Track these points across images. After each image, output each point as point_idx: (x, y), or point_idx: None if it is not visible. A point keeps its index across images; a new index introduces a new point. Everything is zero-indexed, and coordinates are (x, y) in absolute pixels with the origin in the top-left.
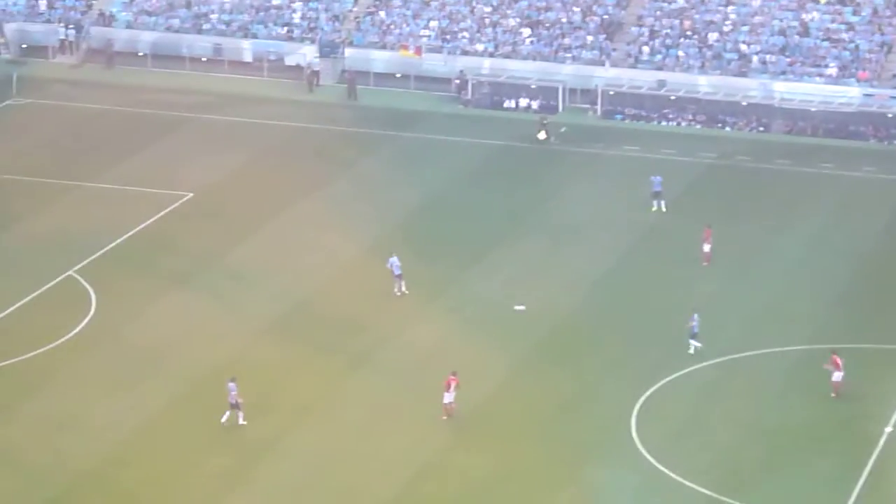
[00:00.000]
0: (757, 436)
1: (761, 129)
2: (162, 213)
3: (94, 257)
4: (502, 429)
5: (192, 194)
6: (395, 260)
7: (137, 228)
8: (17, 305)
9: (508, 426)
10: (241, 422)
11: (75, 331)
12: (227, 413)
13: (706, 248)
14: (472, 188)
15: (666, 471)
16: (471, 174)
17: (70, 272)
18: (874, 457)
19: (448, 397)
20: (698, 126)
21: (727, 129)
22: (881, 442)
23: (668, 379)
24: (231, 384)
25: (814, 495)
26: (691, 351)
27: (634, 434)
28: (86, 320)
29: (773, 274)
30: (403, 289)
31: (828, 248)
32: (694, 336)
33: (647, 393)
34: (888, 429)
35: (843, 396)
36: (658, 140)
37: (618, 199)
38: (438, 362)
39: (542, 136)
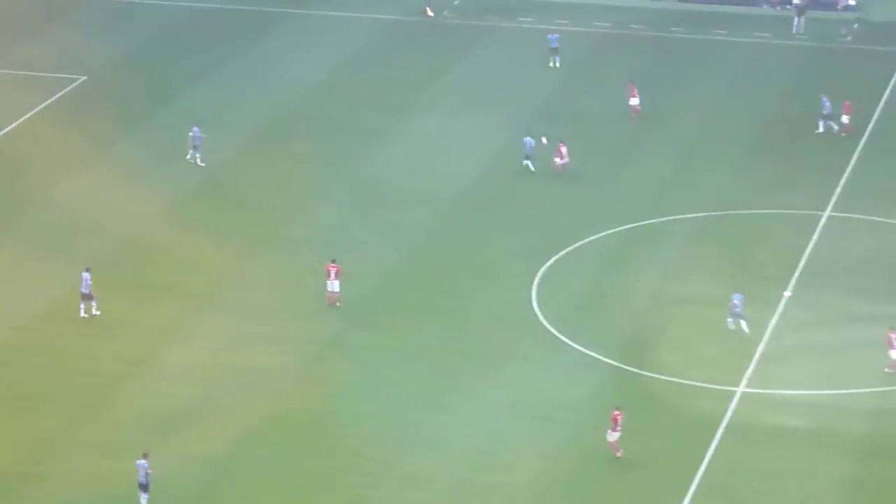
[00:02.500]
0: (657, 303)
1: None
2: (54, 97)
3: None
4: (401, 309)
5: (84, 77)
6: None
7: (30, 113)
8: None
9: (407, 306)
10: (94, 312)
11: None
12: (82, 305)
13: (633, 101)
14: (367, 64)
15: (568, 341)
16: (366, 50)
17: None
18: (773, 322)
19: (331, 285)
20: None
21: None
22: (780, 307)
23: (567, 249)
24: (85, 274)
25: (716, 360)
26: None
27: (535, 306)
28: None
29: (672, 143)
30: None
31: (725, 116)
32: (736, 315)
33: (548, 264)
34: (786, 293)
35: (739, 261)
36: (553, 11)
37: (515, 70)
38: (340, 242)
39: (429, 12)
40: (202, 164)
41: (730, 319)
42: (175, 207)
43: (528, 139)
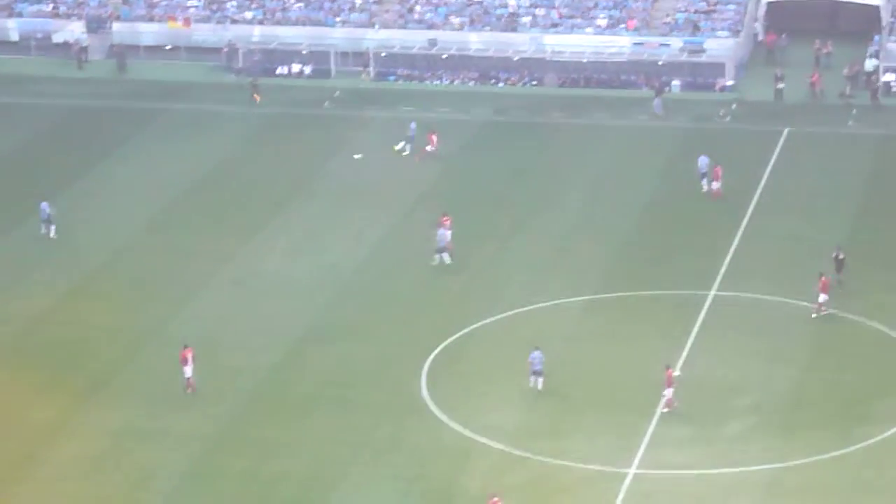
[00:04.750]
0: (546, 386)
1: (534, 83)
2: None
3: None
4: (288, 402)
5: None
6: None
7: None
8: None
9: (297, 394)
10: None
11: None
12: None
13: (715, 185)
14: (248, 157)
15: (459, 428)
16: (247, 143)
17: None
18: (661, 403)
19: (188, 371)
20: (472, 83)
21: (500, 84)
22: (668, 390)
23: (455, 336)
24: None
25: (607, 445)
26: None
27: (424, 394)
28: None
29: (555, 227)
30: None
31: (607, 198)
32: (536, 373)
33: (436, 351)
34: (676, 373)
35: (627, 340)
36: (432, 99)
37: (394, 160)
38: (224, 337)
39: (256, 98)
40: (54, 237)
41: (532, 378)
42: (63, 300)
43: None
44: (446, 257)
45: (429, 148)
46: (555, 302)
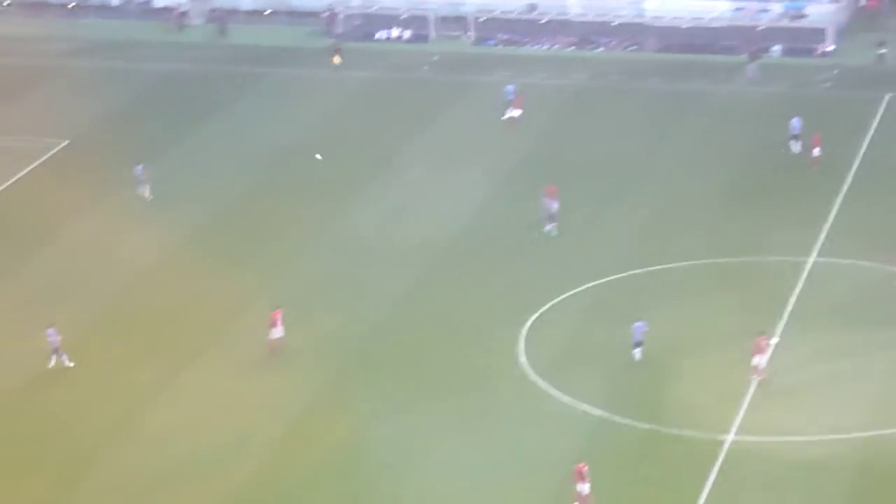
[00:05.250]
0: (644, 353)
1: (633, 48)
2: (40, 161)
3: None
4: (388, 362)
5: (68, 141)
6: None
7: (14, 178)
8: None
9: (394, 359)
10: (67, 364)
11: None
12: (53, 358)
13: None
14: (346, 122)
15: (556, 394)
16: (345, 107)
17: None
18: (757, 361)
19: (276, 332)
20: (570, 48)
21: (599, 49)
22: (767, 355)
23: (552, 302)
24: (50, 330)
25: (705, 408)
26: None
27: (522, 360)
28: None
29: (652, 193)
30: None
31: (704, 165)
32: (638, 343)
33: (533, 317)
34: (774, 339)
35: (724, 308)
36: (531, 64)
37: (492, 124)
38: (322, 301)
39: (336, 60)
40: (149, 197)
41: (634, 347)
42: (161, 265)
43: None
44: (552, 228)
45: (515, 113)
46: (651, 268)
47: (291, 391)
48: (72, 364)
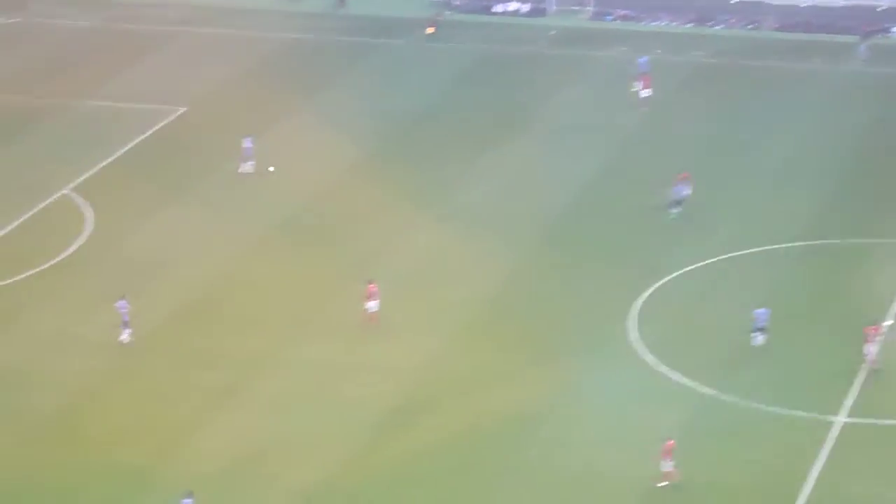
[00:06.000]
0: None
1: (752, 26)
2: (156, 128)
3: (90, 174)
4: (498, 332)
5: (185, 108)
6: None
7: (132, 144)
8: (11, 226)
9: (504, 330)
10: (123, 338)
11: (71, 249)
12: (126, 332)
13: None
14: (462, 94)
15: (666, 371)
16: (461, 80)
17: (65, 190)
18: (873, 351)
19: (372, 305)
20: (689, 25)
21: (718, 27)
22: (882, 337)
23: (665, 279)
24: (121, 302)
25: (816, 389)
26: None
27: (634, 336)
28: (81, 238)
29: (767, 172)
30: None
31: (820, 144)
32: (760, 329)
33: (645, 294)
34: (887, 322)
35: (836, 289)
36: (648, 40)
37: (608, 100)
38: (432, 272)
39: (430, 30)
40: (271, 169)
41: (755, 334)
42: (271, 233)
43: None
44: (677, 212)
45: (644, 91)
46: (765, 248)
47: (402, 360)
48: (131, 340)
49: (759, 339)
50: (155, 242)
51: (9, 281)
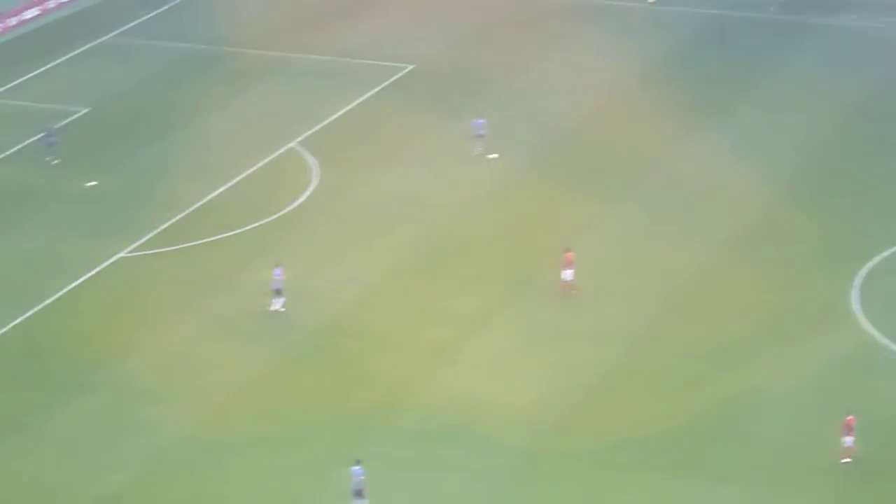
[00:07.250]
0: None
1: None
2: (383, 85)
3: (317, 129)
4: (716, 302)
5: (413, 66)
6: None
7: (360, 100)
8: (240, 177)
9: (723, 300)
10: (274, 307)
11: (297, 202)
12: (282, 300)
13: None
14: (691, 57)
15: (888, 343)
16: (689, 43)
17: (292, 144)
18: None
19: (567, 274)
20: None
21: None
22: None
23: (891, 250)
24: (277, 270)
25: None
26: None
27: (856, 306)
28: (308, 191)
29: None
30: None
31: None
32: None
33: (871, 263)
34: None
35: None
36: (878, 8)
37: (833, 68)
38: (652, 237)
39: None
40: (495, 155)
41: None
42: (494, 194)
43: None
44: None
45: None
46: None
47: (618, 326)
48: (283, 310)
49: None
50: (378, 198)
51: (237, 230)
